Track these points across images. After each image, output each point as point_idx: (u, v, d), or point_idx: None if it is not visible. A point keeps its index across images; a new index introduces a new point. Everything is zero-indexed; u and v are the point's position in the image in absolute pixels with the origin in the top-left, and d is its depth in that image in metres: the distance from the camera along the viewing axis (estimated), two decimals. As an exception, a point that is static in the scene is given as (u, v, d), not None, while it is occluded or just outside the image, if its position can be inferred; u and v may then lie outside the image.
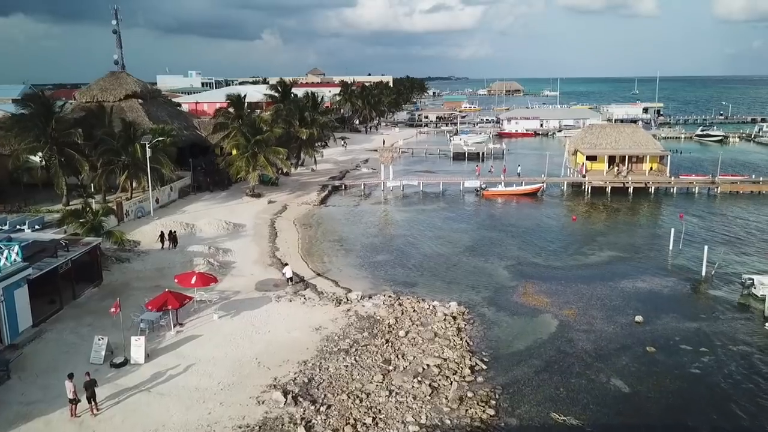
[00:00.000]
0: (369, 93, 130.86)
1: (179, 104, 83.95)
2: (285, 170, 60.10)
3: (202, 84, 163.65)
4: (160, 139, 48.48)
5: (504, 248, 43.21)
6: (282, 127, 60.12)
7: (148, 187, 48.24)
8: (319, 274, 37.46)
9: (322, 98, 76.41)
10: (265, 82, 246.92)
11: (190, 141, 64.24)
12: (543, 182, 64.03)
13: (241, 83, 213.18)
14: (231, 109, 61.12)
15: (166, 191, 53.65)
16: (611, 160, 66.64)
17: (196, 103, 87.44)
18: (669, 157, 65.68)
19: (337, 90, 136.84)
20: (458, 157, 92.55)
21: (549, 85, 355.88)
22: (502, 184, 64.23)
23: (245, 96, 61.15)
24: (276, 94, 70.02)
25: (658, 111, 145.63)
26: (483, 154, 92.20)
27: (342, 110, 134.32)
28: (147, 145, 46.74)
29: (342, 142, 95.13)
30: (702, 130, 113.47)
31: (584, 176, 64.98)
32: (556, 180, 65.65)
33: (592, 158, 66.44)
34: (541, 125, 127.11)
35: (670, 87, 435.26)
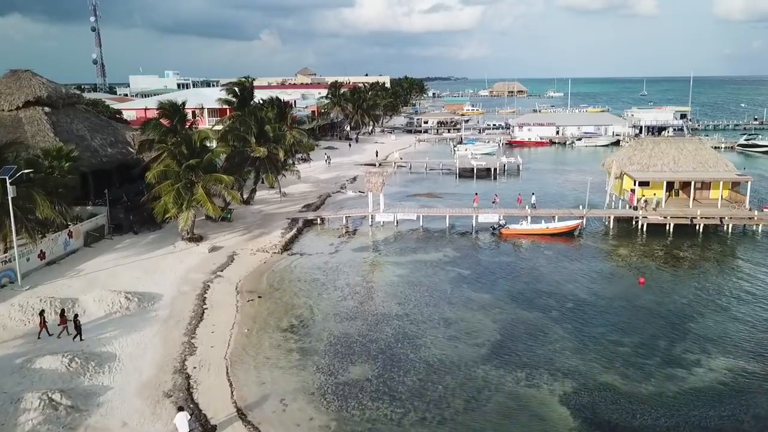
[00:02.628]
0: (361, 96, 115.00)
1: (120, 112, 68.03)
2: (233, 202, 44.07)
3: (178, 85, 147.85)
4: (26, 171, 32.60)
5: (552, 347, 27.44)
6: (232, 145, 44.36)
7: (13, 238, 32.40)
8: (243, 417, 21.70)
9: (292, 106, 60.41)
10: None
11: (117, 162, 48.64)
12: (582, 217, 48.32)
13: (225, 84, 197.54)
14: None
15: (61, 239, 37.88)
16: (669, 186, 50.99)
17: (146, 109, 71.67)
18: (750, 183, 49.80)
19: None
20: (465, 173, 76.87)
21: (553, 86, 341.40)
22: (528, 219, 48.47)
23: (184, 104, 45.41)
24: (233, 99, 54.46)
25: (684, 115, 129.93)
26: (495, 170, 76.40)
27: (331, 115, 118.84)
28: (8, 180, 30.97)
29: (325, 156, 79.25)
30: (746, 139, 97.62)
31: (635, 208, 49.32)
32: (598, 213, 49.86)
33: (643, 184, 50.75)
34: (557, 132, 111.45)
35: (675, 88, 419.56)
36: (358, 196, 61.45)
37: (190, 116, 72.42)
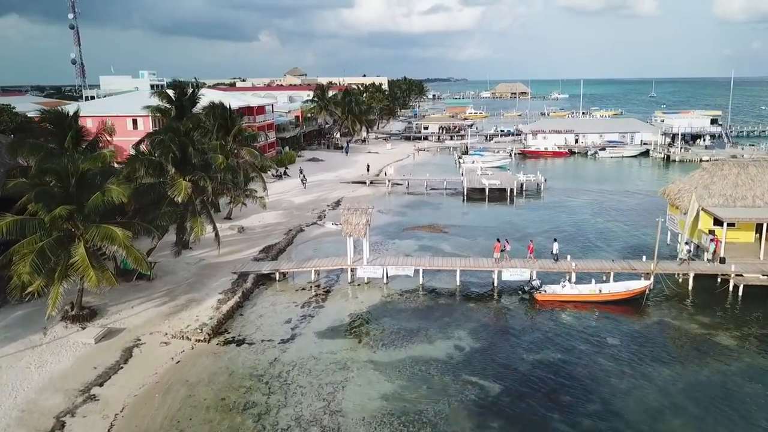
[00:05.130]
0: (352, 99, 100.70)
1: (30, 120, 53.49)
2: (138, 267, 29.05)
3: (152, 86, 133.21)
4: None
5: None
6: (141, 176, 30.07)
7: None
8: None
9: (240, 116, 45.65)
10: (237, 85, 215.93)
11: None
12: (650, 274, 34.04)
13: (214, 86, 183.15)
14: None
15: None
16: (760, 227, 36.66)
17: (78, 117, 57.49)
18: None
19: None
20: (474, 195, 62.60)
21: (557, 87, 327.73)
22: (571, 277, 34.32)
23: (76, 113, 31.13)
24: (167, 106, 40.25)
25: (715, 120, 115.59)
26: (512, 191, 62.13)
27: (319, 120, 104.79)
28: None
29: (300, 175, 64.88)
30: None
31: (722, 260, 35.09)
32: (673, 269, 35.36)
33: (730, 225, 36.53)
34: (577, 140, 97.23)
35: (681, 89, 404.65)
36: (339, 230, 47.16)
37: (130, 126, 58.59)
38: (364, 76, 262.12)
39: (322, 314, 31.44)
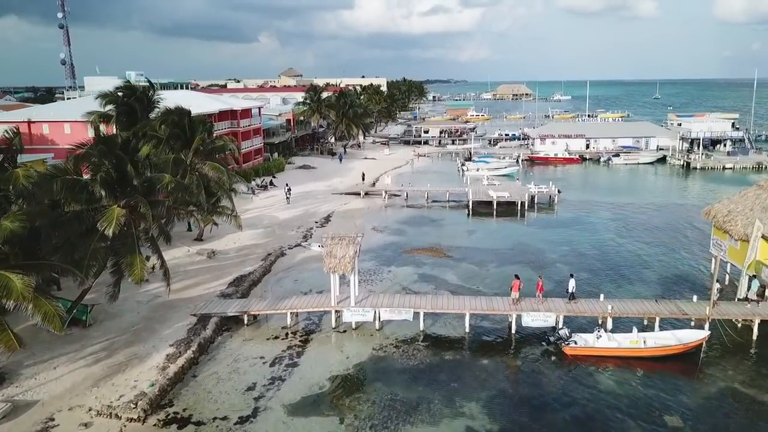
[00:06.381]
0: (347, 101, 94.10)
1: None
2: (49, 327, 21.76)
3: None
4: None
5: None
6: (65, 200, 23.47)
7: None
8: None
9: (208, 125, 38.73)
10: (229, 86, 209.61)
11: None
12: (706, 321, 27.42)
13: (207, 87, 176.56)
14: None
15: None
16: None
17: (30, 122, 50.56)
18: None
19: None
20: (479, 209, 55.94)
21: (560, 88, 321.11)
22: (606, 324, 27.77)
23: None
24: (112, 113, 33.59)
25: (732, 124, 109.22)
26: (523, 205, 55.49)
27: (312, 124, 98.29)
28: None
29: (286, 188, 58.03)
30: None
31: (792, 302, 28.53)
32: (733, 314, 28.65)
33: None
34: (588, 146, 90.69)
35: (684, 91, 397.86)
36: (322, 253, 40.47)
37: (91, 133, 52.09)
38: (363, 77, 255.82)
39: (296, 376, 24.82)
